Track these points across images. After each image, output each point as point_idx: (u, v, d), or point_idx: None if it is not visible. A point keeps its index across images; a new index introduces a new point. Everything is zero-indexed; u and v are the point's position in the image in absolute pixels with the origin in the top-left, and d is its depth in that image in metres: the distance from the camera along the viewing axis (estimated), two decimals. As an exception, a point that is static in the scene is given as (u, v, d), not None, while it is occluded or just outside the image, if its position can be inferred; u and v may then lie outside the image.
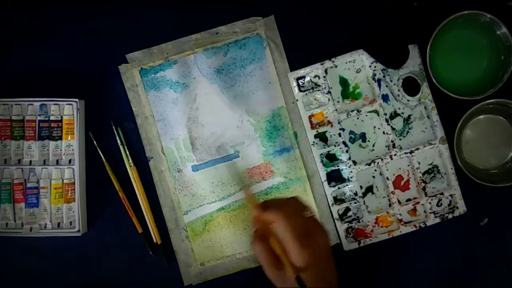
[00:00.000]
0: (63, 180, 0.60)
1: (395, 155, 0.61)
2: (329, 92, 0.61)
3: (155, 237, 0.61)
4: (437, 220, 0.61)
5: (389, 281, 0.63)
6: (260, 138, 0.62)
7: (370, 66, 0.61)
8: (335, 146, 0.61)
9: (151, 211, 0.62)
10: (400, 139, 0.62)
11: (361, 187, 0.62)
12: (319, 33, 0.62)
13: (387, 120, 0.61)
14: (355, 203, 0.61)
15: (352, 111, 0.61)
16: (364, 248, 0.61)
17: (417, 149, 0.61)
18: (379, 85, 0.61)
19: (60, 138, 0.61)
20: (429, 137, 0.62)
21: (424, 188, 0.61)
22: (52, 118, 0.60)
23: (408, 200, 0.62)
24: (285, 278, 0.44)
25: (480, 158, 0.63)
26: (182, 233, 0.62)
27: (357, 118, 0.62)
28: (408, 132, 0.62)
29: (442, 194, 0.61)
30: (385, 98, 0.61)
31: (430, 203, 0.61)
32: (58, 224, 0.60)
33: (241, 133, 0.62)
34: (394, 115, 0.62)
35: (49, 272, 0.62)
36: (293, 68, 0.62)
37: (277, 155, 0.62)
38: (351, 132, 0.62)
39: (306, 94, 0.62)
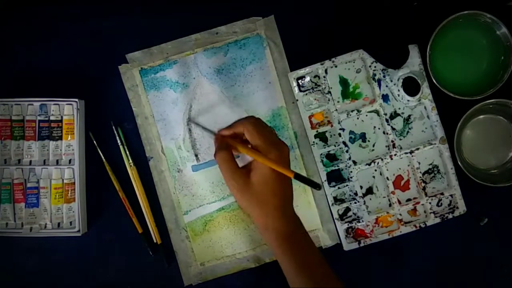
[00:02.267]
0: (63, 180, 0.60)
1: (395, 155, 0.61)
2: (329, 92, 0.61)
3: (155, 237, 0.61)
4: (437, 220, 0.61)
5: (389, 281, 0.63)
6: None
7: (370, 66, 0.61)
8: (335, 146, 0.61)
9: (151, 211, 0.62)
10: (400, 139, 0.62)
11: (361, 187, 0.62)
12: (319, 33, 0.62)
13: (387, 120, 0.61)
14: (355, 203, 0.61)
15: (352, 111, 0.61)
16: (364, 248, 0.61)
17: (417, 149, 0.61)
18: (379, 85, 0.61)
19: (60, 138, 0.61)
20: (429, 137, 0.62)
21: (424, 188, 0.61)
22: (52, 118, 0.60)
23: (408, 200, 0.62)
24: (247, 182, 0.47)
25: (480, 158, 0.63)
26: (182, 233, 0.62)
27: (357, 118, 0.62)
28: (408, 132, 0.62)
29: (442, 194, 0.61)
30: (385, 98, 0.61)
31: (430, 203, 0.61)
32: (58, 224, 0.60)
33: (241, 133, 0.62)
34: (394, 115, 0.62)
35: (49, 272, 0.62)
36: (293, 68, 0.62)
37: (277, 155, 0.62)
38: (351, 132, 0.62)
39: (306, 94, 0.62)
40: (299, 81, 0.62)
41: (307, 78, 0.62)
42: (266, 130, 0.49)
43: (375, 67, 0.61)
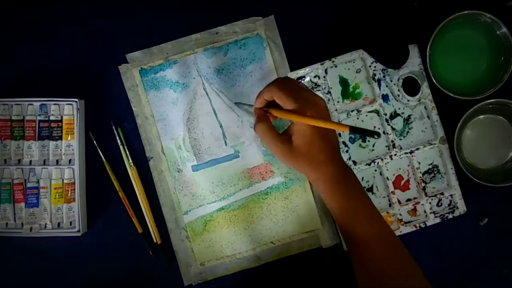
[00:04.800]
0: (63, 180, 0.60)
1: (395, 155, 0.61)
2: (329, 92, 0.61)
3: (155, 237, 0.61)
4: (437, 220, 0.61)
5: (389, 281, 0.62)
6: (260, 138, 0.62)
7: (370, 66, 0.61)
8: (335, 146, 0.61)
9: (151, 211, 0.62)
10: (400, 139, 0.62)
11: (361, 187, 0.62)
12: (319, 33, 0.62)
13: (387, 120, 0.61)
14: (355, 203, 0.61)
15: (352, 111, 0.61)
16: (364, 248, 0.61)
17: (417, 149, 0.61)
18: (379, 85, 0.61)
19: (60, 138, 0.61)
20: (429, 137, 0.62)
21: (424, 188, 0.61)
22: (52, 118, 0.60)
23: (408, 200, 0.62)
24: (291, 147, 0.47)
25: (480, 158, 0.63)
26: (182, 233, 0.62)
27: (357, 118, 0.62)
28: (408, 132, 0.62)
29: (442, 194, 0.61)
30: (385, 98, 0.61)
31: (430, 203, 0.61)
32: (58, 224, 0.60)
33: (241, 133, 0.62)
34: (394, 115, 0.62)
35: (49, 272, 0.62)
36: (293, 68, 0.62)
37: (277, 155, 0.62)
38: (351, 132, 0.62)
39: (306, 94, 0.62)
40: (299, 81, 0.62)
41: (307, 78, 0.62)
42: (293, 89, 0.47)
43: (375, 67, 0.61)
